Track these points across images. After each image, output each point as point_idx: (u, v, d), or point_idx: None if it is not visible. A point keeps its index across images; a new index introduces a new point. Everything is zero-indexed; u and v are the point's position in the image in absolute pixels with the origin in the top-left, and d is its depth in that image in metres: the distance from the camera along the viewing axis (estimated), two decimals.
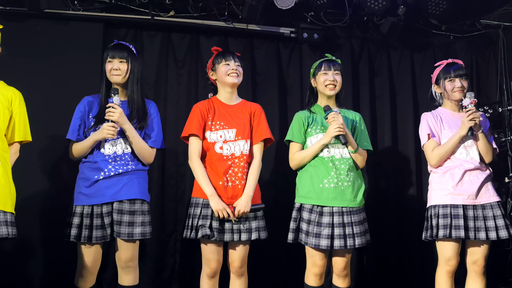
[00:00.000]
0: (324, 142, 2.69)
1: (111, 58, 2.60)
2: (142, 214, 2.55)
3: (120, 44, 2.70)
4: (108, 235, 2.50)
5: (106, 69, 2.61)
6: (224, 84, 2.71)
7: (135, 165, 2.60)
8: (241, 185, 2.61)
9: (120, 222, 2.50)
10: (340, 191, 2.67)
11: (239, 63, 2.71)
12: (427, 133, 2.83)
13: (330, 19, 3.72)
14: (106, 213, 2.50)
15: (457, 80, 2.81)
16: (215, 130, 2.65)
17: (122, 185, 2.53)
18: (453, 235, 2.65)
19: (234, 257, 2.61)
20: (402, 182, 3.83)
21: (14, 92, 2.45)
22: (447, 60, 2.92)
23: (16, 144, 2.45)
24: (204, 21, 3.58)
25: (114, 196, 2.51)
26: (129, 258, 2.55)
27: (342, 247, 2.61)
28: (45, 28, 3.35)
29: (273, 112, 3.65)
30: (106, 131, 2.49)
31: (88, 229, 2.47)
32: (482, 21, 3.94)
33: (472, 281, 2.73)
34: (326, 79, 2.77)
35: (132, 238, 2.51)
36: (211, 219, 2.54)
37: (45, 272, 3.15)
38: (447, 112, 2.90)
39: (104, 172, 2.53)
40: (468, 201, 2.71)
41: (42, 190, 3.18)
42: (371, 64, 3.96)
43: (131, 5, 3.49)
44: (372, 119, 3.86)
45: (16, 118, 2.41)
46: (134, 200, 2.54)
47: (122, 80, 2.61)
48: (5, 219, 2.28)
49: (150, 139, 2.65)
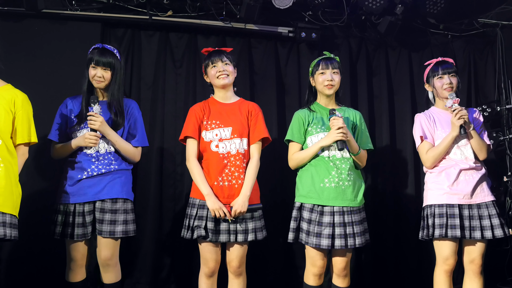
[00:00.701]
0: (323, 144, 2.69)
1: (95, 65, 2.62)
2: (125, 213, 2.60)
3: (105, 49, 2.68)
4: (89, 233, 2.55)
5: (90, 74, 2.63)
6: (216, 86, 2.73)
7: (118, 164, 2.65)
8: (238, 184, 2.61)
9: (102, 221, 2.55)
10: (341, 190, 2.66)
11: (228, 61, 2.71)
12: (419, 136, 2.85)
13: (328, 18, 3.72)
14: (87, 212, 2.55)
15: (446, 77, 2.82)
16: (211, 129, 2.65)
17: (105, 184, 2.58)
18: (449, 235, 2.66)
19: (232, 257, 2.61)
20: (400, 182, 3.82)
21: (17, 94, 2.45)
22: (436, 59, 2.93)
23: (22, 146, 2.46)
24: (202, 20, 3.58)
25: (96, 195, 2.57)
26: (108, 256, 2.58)
27: (343, 246, 2.61)
28: (42, 28, 3.35)
29: (271, 111, 3.65)
30: (88, 140, 2.54)
31: (70, 226, 2.53)
32: (480, 20, 3.94)
33: (470, 280, 2.73)
34: (324, 79, 2.77)
35: (113, 236, 2.55)
36: (206, 220, 2.54)
37: (39, 268, 3.16)
38: (439, 111, 2.90)
39: (87, 172, 2.58)
40: (464, 200, 2.71)
41: (38, 189, 3.18)
42: (369, 64, 3.96)
43: (129, 5, 3.49)
44: (370, 119, 3.86)
45: (18, 120, 2.42)
46: (116, 199, 2.59)
47: (103, 86, 2.66)
48: (3, 220, 2.27)
49: (133, 139, 2.71)
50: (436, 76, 2.85)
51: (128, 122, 2.71)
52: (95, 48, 2.68)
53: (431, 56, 4.00)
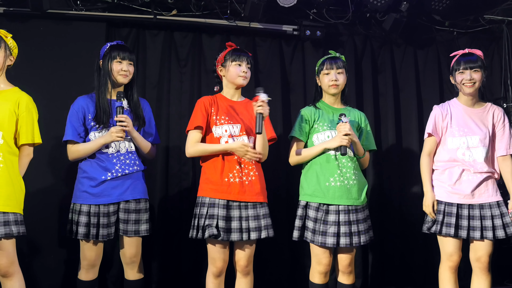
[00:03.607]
0: (328, 146, 2.68)
1: (121, 59, 2.63)
2: (146, 212, 2.67)
3: (124, 45, 2.73)
4: (112, 233, 2.60)
5: (113, 69, 2.62)
6: (232, 83, 2.72)
7: (139, 165, 2.70)
8: (248, 181, 2.60)
9: (127, 221, 2.59)
10: (346, 189, 2.67)
11: (250, 64, 2.72)
12: (427, 132, 2.83)
13: (333, 16, 3.71)
14: (112, 212, 2.59)
15: (467, 72, 2.71)
16: (220, 124, 2.64)
17: (128, 185, 2.62)
18: (443, 232, 2.68)
19: (240, 256, 2.61)
20: (406, 179, 3.81)
21: (22, 96, 2.49)
22: (463, 50, 2.82)
23: (26, 146, 2.49)
24: (207, 19, 3.58)
25: (121, 196, 2.60)
26: (134, 254, 2.64)
27: (348, 245, 2.61)
28: (48, 28, 3.36)
29: (276, 110, 3.64)
30: (115, 134, 2.55)
31: (96, 227, 2.55)
32: (485, 16, 3.92)
33: (477, 277, 2.72)
34: (329, 79, 2.77)
35: (138, 235, 2.62)
36: (217, 219, 2.53)
37: (51, 268, 3.20)
38: (460, 107, 2.82)
39: (111, 173, 2.59)
40: (464, 200, 2.69)
41: (48, 189, 3.22)
42: (374, 61, 3.95)
43: (134, 4, 3.50)
44: (375, 116, 3.85)
45: (22, 121, 2.46)
46: (139, 200, 2.64)
47: (128, 81, 2.67)
48: (7, 219, 2.33)
49: (151, 137, 2.77)
50: (458, 70, 2.75)
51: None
52: (113, 45, 2.69)
53: (437, 53, 4.00)
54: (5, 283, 2.38)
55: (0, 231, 2.30)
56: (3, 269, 2.34)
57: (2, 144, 2.39)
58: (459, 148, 2.75)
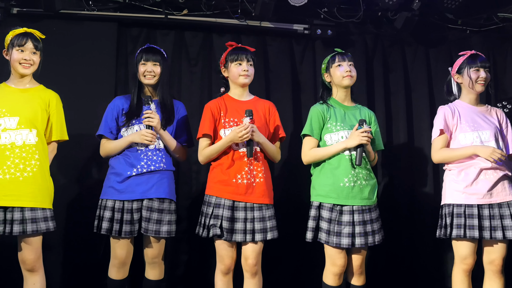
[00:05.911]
0: (348, 145, 2.66)
1: (145, 61, 2.68)
2: (169, 213, 2.64)
3: (153, 47, 2.76)
4: (136, 230, 2.60)
5: (139, 71, 2.68)
6: (236, 83, 2.72)
7: (166, 164, 2.69)
8: (256, 183, 2.61)
9: (149, 219, 2.59)
10: (359, 189, 2.66)
11: (251, 61, 2.71)
12: (439, 128, 2.79)
13: (344, 15, 3.70)
14: (136, 209, 2.59)
15: (482, 71, 2.78)
16: (229, 127, 2.65)
17: (153, 183, 2.62)
18: (468, 235, 2.62)
19: (248, 254, 2.61)
20: (417, 179, 3.78)
21: (51, 94, 2.64)
22: (470, 51, 2.88)
23: (54, 143, 2.66)
24: (217, 19, 3.59)
25: (145, 193, 2.61)
26: (155, 255, 2.65)
27: (363, 245, 2.60)
28: (60, 28, 3.40)
29: (287, 109, 3.64)
30: (144, 137, 2.59)
31: (119, 223, 2.57)
32: (499, 15, 3.88)
33: (490, 280, 2.69)
34: (343, 70, 2.75)
35: (158, 235, 2.60)
36: (221, 219, 2.54)
37: (79, 265, 3.25)
38: (465, 106, 2.84)
39: (137, 169, 2.61)
40: (483, 200, 2.66)
41: (73, 186, 3.29)
42: (385, 60, 3.92)
43: (145, 4, 3.52)
44: (387, 116, 3.82)
45: (53, 119, 2.60)
46: (163, 199, 2.63)
47: (154, 82, 2.70)
48: (45, 215, 2.47)
49: (181, 138, 2.77)
50: (473, 67, 2.79)
51: (176, 122, 2.76)
52: (142, 48, 2.76)
53: (449, 52, 3.95)
54: (29, 278, 2.48)
55: (41, 226, 2.44)
56: (30, 264, 2.44)
57: (37, 141, 2.50)
58: (473, 143, 2.72)
